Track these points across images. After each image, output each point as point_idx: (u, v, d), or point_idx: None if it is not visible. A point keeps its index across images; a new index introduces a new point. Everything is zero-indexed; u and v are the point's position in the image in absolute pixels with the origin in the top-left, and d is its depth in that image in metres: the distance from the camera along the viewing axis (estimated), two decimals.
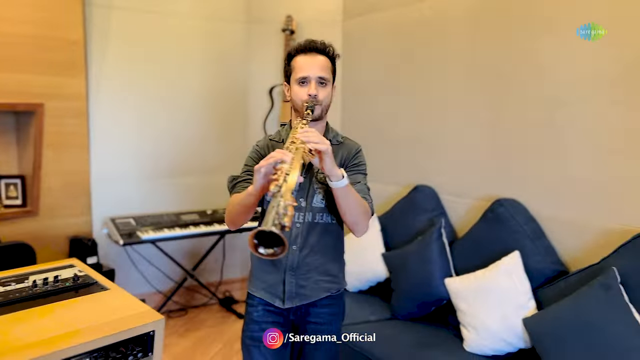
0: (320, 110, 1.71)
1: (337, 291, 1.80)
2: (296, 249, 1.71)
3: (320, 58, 1.73)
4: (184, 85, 3.83)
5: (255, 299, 1.79)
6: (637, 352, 1.79)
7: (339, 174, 1.54)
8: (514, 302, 2.26)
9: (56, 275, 1.93)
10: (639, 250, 2.00)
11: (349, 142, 1.82)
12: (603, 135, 2.27)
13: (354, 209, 1.61)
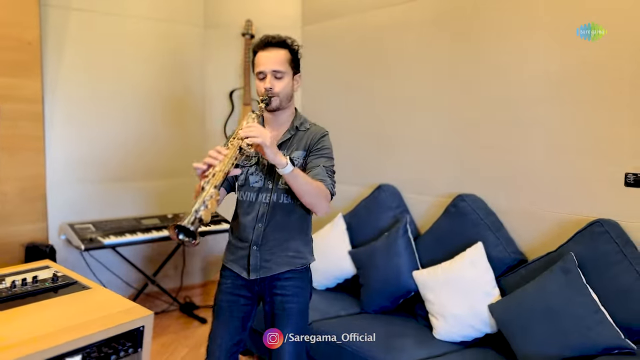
0: (278, 101, 1.84)
1: (302, 266, 1.92)
2: (261, 226, 1.87)
3: (275, 52, 1.85)
4: (141, 88, 3.78)
5: (226, 271, 1.97)
6: (596, 329, 1.96)
7: (283, 162, 1.66)
8: (479, 290, 2.40)
9: (34, 275, 1.88)
10: (592, 236, 2.19)
11: (315, 128, 1.94)
12: (555, 132, 2.46)
13: (306, 192, 1.74)
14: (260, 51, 1.88)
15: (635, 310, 1.99)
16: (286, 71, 1.86)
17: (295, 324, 1.89)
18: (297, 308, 1.90)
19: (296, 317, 1.89)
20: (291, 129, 1.91)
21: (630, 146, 2.20)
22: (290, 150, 1.88)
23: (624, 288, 2.04)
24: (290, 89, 1.88)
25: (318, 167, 1.82)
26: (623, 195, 2.22)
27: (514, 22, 2.61)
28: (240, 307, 1.93)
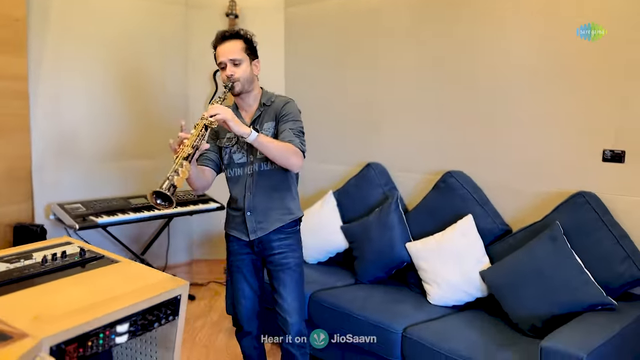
0: (240, 85, 2.11)
1: (291, 221, 2.21)
2: (250, 194, 2.17)
3: (231, 44, 2.12)
4: (126, 68, 3.75)
5: (230, 237, 2.28)
6: (582, 289, 2.19)
7: (247, 131, 1.91)
8: (470, 258, 2.61)
9: (63, 250, 1.92)
10: (575, 207, 2.42)
11: (279, 99, 2.20)
12: (537, 113, 2.67)
13: (276, 154, 1.98)
14: (218, 45, 2.14)
15: (615, 271, 2.25)
16: (243, 58, 2.11)
17: (293, 276, 2.21)
18: (293, 262, 2.21)
19: (294, 271, 2.21)
20: (260, 107, 2.18)
21: (607, 125, 2.44)
22: (261, 124, 2.15)
23: (604, 252, 2.29)
24: (249, 73, 2.13)
25: (285, 131, 2.07)
26: (601, 170, 2.46)
27: (498, 8, 2.79)
28: (250, 262, 2.27)
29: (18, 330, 1.36)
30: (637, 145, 2.36)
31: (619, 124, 2.41)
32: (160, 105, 3.99)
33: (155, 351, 1.88)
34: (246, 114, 2.21)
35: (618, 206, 2.39)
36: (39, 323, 1.41)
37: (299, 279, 2.23)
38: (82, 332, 1.45)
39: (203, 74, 4.09)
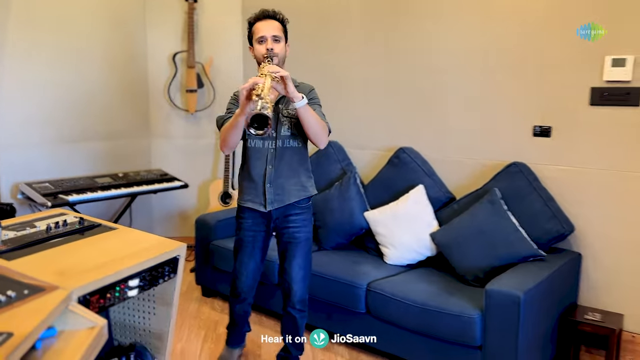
0: (277, 61, 2.23)
1: (307, 198, 2.38)
2: (272, 167, 2.29)
3: (272, 22, 2.29)
4: (86, 51, 3.82)
5: (245, 212, 2.39)
6: (517, 244, 2.59)
7: (299, 96, 2.06)
8: (422, 222, 2.96)
9: (64, 219, 2.08)
10: (509, 176, 2.82)
11: (303, 85, 2.34)
12: (476, 95, 3.05)
13: (314, 125, 2.13)
14: (259, 22, 2.31)
15: (543, 228, 2.66)
16: (281, 37, 2.30)
17: (303, 249, 2.38)
18: (305, 236, 2.38)
19: (304, 244, 2.38)
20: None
21: (537, 104, 2.84)
22: (286, 104, 2.28)
23: (534, 212, 2.70)
24: (284, 52, 2.31)
25: (316, 110, 2.22)
26: (531, 143, 2.87)
27: (440, 5, 3.13)
28: (261, 240, 2.41)
29: (49, 284, 1.55)
30: (561, 122, 2.78)
31: (546, 103, 2.81)
32: (122, 87, 4.09)
33: (154, 307, 2.09)
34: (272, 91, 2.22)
35: (546, 174, 2.81)
36: (64, 278, 1.60)
37: (307, 251, 2.39)
38: (103, 285, 1.66)
39: (163, 57, 4.21)
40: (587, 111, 2.70)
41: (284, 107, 2.30)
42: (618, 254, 2.67)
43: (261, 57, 2.25)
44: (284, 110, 2.28)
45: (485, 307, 2.26)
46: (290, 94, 2.05)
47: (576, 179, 2.75)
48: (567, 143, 2.77)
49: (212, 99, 4.21)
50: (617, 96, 2.61)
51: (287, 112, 2.28)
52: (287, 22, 2.38)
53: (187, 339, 2.94)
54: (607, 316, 2.59)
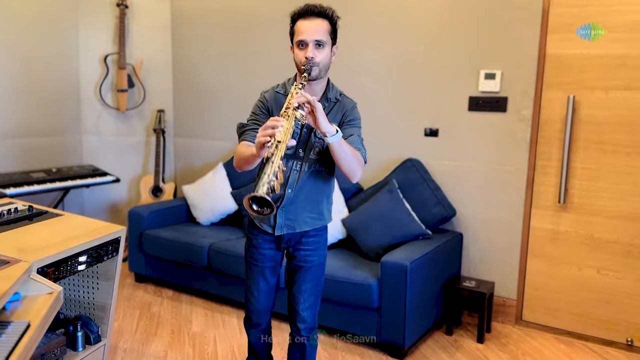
0: (317, 71, 1.90)
1: (321, 226, 2.11)
2: (291, 192, 1.99)
3: (317, 22, 1.89)
4: (17, 49, 3.97)
5: (255, 229, 2.12)
6: (409, 226, 3.10)
7: (333, 130, 1.77)
8: (334, 209, 3.39)
9: (15, 207, 2.34)
10: (405, 169, 3.35)
11: (346, 100, 2.04)
12: (380, 100, 3.55)
13: (347, 160, 1.83)
14: (302, 19, 1.91)
15: (431, 212, 3.21)
16: (327, 41, 1.91)
17: (314, 274, 2.12)
18: (317, 261, 2.11)
19: (316, 269, 2.12)
20: (325, 101, 2.00)
21: (429, 109, 3.38)
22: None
23: (424, 199, 3.24)
24: (329, 59, 1.94)
25: (353, 137, 1.93)
26: (423, 142, 3.41)
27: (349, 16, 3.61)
28: (271, 257, 2.12)
29: (12, 258, 1.86)
30: (446, 124, 3.33)
31: (435, 108, 3.36)
32: (52, 87, 4.26)
33: (98, 282, 2.41)
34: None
35: (435, 168, 3.36)
36: (25, 253, 1.91)
37: (319, 277, 2.13)
38: (58, 259, 1.97)
39: (94, 58, 4.42)
40: (466, 116, 3.27)
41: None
42: (490, 233, 3.26)
43: (300, 65, 1.91)
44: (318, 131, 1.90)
45: (381, 275, 2.76)
46: (322, 129, 1.76)
47: (458, 172, 3.31)
48: (450, 142, 3.33)
49: (142, 99, 4.47)
50: (489, 104, 3.19)
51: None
52: (338, 19, 1.98)
53: (123, 318, 3.24)
54: (481, 284, 3.17)
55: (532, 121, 3.09)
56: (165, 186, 4.45)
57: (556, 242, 3.12)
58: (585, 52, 2.94)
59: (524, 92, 3.09)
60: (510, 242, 3.22)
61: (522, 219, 3.18)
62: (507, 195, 3.19)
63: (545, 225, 3.14)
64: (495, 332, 3.18)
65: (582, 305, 3.08)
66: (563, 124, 3.02)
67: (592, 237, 3.02)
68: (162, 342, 2.97)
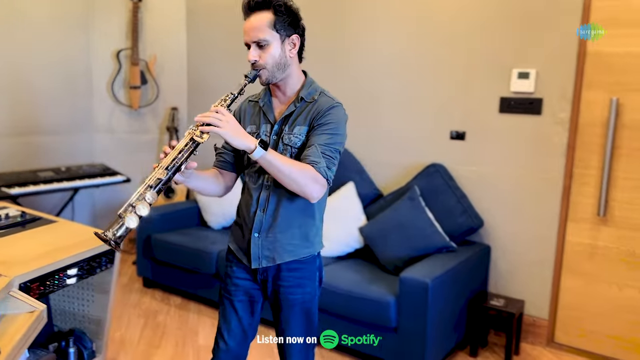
0: (267, 73, 1.63)
1: (308, 255, 1.73)
2: (262, 212, 1.67)
3: (255, 18, 1.61)
4: (28, 43, 3.85)
5: (230, 254, 1.80)
6: (432, 237, 2.87)
7: (250, 147, 1.49)
8: (351, 217, 3.20)
9: (6, 213, 2.19)
10: (428, 175, 3.11)
11: (323, 100, 1.70)
12: (401, 101, 3.31)
13: (287, 179, 1.53)
14: (244, 18, 1.65)
15: (456, 223, 2.96)
16: (270, 38, 1.61)
17: (300, 318, 1.74)
18: (301, 299, 1.72)
19: (300, 310, 1.73)
20: (296, 101, 1.69)
21: (455, 111, 3.13)
22: (292, 126, 1.66)
23: (448, 208, 2.99)
24: (280, 56, 1.63)
25: (312, 147, 1.59)
26: (448, 146, 3.16)
27: (377, 11, 3.38)
28: (245, 292, 1.77)
29: None
30: (474, 127, 3.08)
31: (462, 110, 3.11)
32: (65, 82, 4.13)
33: (93, 295, 2.24)
34: (280, 105, 1.73)
35: (460, 174, 3.11)
36: (7, 266, 1.75)
37: (305, 319, 1.75)
38: (43, 273, 1.81)
39: (107, 53, 4.27)
40: (496, 118, 3.01)
41: (287, 129, 1.67)
42: (521, 247, 3.00)
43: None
44: (286, 136, 1.66)
45: (399, 292, 2.53)
46: (236, 147, 1.52)
47: (486, 179, 3.06)
48: (479, 146, 3.07)
49: (156, 96, 4.32)
50: (522, 105, 2.93)
51: (288, 139, 1.65)
52: (285, 5, 1.64)
53: (126, 327, 3.08)
54: (510, 301, 2.91)
55: (569, 125, 2.82)
56: (178, 187, 4.29)
57: (594, 259, 2.84)
58: (630, 50, 2.66)
59: (561, 93, 2.82)
60: (543, 256, 2.95)
61: (556, 232, 2.91)
62: (540, 205, 2.93)
63: (582, 239, 2.86)
64: (524, 354, 2.92)
65: (622, 328, 2.80)
66: (604, 129, 2.75)
67: (634, 254, 2.74)
68: (165, 355, 2.79)
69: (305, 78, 1.77)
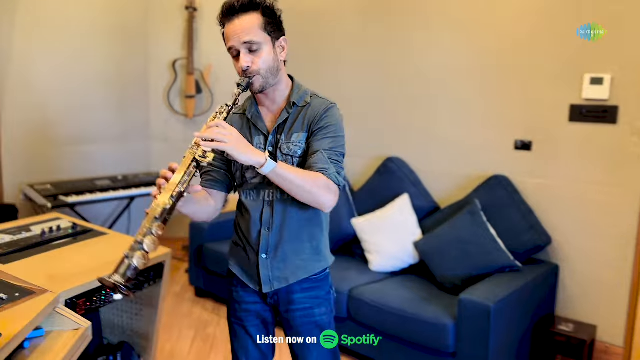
0: (261, 80, 1.49)
1: (321, 270, 1.63)
2: (268, 231, 1.56)
3: (244, 19, 1.47)
4: (89, 56, 3.95)
5: (234, 278, 1.69)
6: (494, 254, 2.68)
7: (260, 161, 1.37)
8: (406, 230, 3.05)
9: (58, 225, 2.20)
10: (491, 187, 2.91)
11: (317, 102, 1.59)
12: (461, 109, 3.14)
13: (299, 191, 1.43)
14: (227, 22, 1.50)
15: (521, 240, 2.75)
16: (262, 40, 1.48)
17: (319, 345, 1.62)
18: (321, 321, 1.61)
19: (321, 332, 1.62)
20: (288, 107, 1.57)
21: (519, 119, 2.93)
22: (289, 134, 1.54)
23: (512, 224, 2.79)
24: (273, 60, 1.51)
25: (318, 153, 1.48)
26: (513, 157, 2.95)
27: (431, 13, 3.22)
28: (257, 315, 1.66)
29: (39, 287, 1.67)
30: (541, 136, 2.86)
31: (528, 118, 2.90)
32: (123, 91, 4.21)
33: (141, 309, 2.21)
34: (269, 114, 1.60)
35: (525, 187, 2.90)
36: (54, 282, 1.72)
37: (330, 347, 1.63)
38: (90, 289, 1.77)
39: (162, 63, 4.33)
40: (566, 127, 2.78)
41: (284, 138, 1.55)
42: (594, 267, 2.75)
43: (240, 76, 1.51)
44: (284, 145, 1.54)
45: (458, 315, 2.36)
46: (244, 163, 1.38)
47: (555, 192, 2.83)
48: (547, 157, 2.85)
49: (210, 105, 4.33)
50: (595, 113, 2.69)
51: (288, 149, 1.53)
52: (273, 6, 1.53)
53: (177, 339, 3.06)
54: (581, 327, 2.68)
55: None
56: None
57: None
58: None
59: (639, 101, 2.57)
60: (618, 277, 2.70)
61: (633, 251, 2.65)
62: (614, 222, 2.68)
63: None
64: None
65: None
66: None
67: None
68: None
69: (292, 82, 1.65)
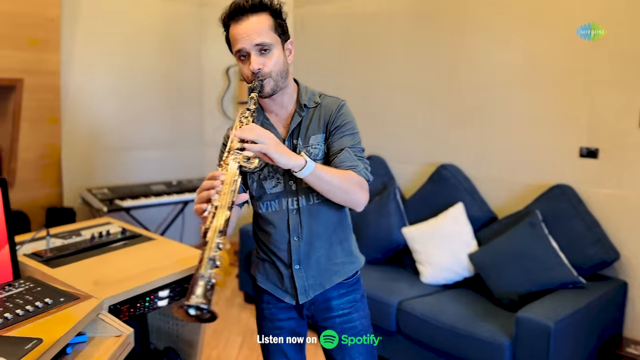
0: (272, 82, 1.45)
1: (354, 272, 1.61)
2: (298, 240, 1.53)
3: (254, 20, 1.42)
4: (145, 64, 4.05)
5: (262, 293, 1.64)
6: (556, 269, 2.50)
7: (300, 163, 1.33)
8: (460, 241, 2.92)
9: (107, 229, 2.23)
10: (553, 198, 2.73)
11: (328, 101, 1.57)
12: (520, 113, 2.97)
13: (336, 190, 1.40)
14: (234, 24, 1.45)
15: (585, 254, 2.56)
16: (274, 41, 1.44)
17: (363, 350, 1.59)
18: (360, 325, 1.60)
19: (361, 337, 1.60)
20: (299, 110, 1.54)
21: (584, 124, 2.74)
22: (306, 138, 1.51)
23: (576, 237, 2.60)
24: (283, 62, 1.48)
25: (343, 152, 1.46)
26: (577, 165, 2.76)
27: (487, 14, 3.07)
28: (292, 330, 1.63)
29: (84, 293, 1.68)
30: (609, 143, 2.66)
31: (593, 123, 2.70)
32: (176, 99, 4.30)
33: None
34: (278, 120, 1.56)
35: (591, 197, 2.70)
36: (99, 287, 1.73)
37: (370, 350, 1.60)
38: (134, 295, 1.77)
39: (216, 71, 4.38)
40: (637, 133, 2.57)
41: (301, 142, 1.52)
42: None
43: (248, 82, 1.47)
44: (303, 150, 1.50)
45: (515, 334, 2.21)
46: (283, 166, 1.34)
47: (624, 204, 2.62)
48: (615, 166, 2.65)
49: None
50: None
51: (307, 152, 1.50)
52: (280, 4, 1.48)
53: (224, 346, 3.05)
54: None
55: None
56: None
57: None
58: None
59: None
60: None
61: None
62: None
63: None
64: None
65: None
66: None
67: None
68: None
69: (297, 85, 1.61)
